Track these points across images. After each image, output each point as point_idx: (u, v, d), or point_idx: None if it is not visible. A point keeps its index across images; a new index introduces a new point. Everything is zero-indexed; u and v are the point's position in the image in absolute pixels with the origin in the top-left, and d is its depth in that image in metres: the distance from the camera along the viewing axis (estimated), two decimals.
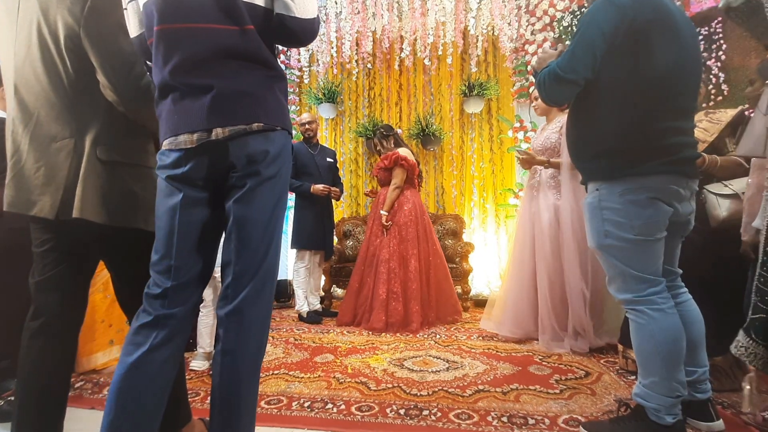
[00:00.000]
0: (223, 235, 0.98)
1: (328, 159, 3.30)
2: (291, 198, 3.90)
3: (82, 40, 0.99)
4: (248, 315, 0.92)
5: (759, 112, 1.30)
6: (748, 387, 1.06)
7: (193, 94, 0.91)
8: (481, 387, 1.73)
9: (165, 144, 0.95)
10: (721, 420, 1.31)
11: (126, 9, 1.01)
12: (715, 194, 1.53)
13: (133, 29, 1.01)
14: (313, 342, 2.47)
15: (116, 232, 1.06)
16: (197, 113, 0.90)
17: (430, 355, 2.18)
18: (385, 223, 2.94)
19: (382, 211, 2.97)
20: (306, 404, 1.57)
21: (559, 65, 1.26)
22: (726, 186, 1.51)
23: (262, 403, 1.58)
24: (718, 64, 2.74)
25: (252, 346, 0.93)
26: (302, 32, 0.97)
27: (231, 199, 0.93)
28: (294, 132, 4.31)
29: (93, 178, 1.02)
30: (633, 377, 1.80)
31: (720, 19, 2.86)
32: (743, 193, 1.45)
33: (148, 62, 1.04)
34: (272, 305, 1.00)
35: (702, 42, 2.83)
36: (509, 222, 3.95)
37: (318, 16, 0.98)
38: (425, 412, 1.49)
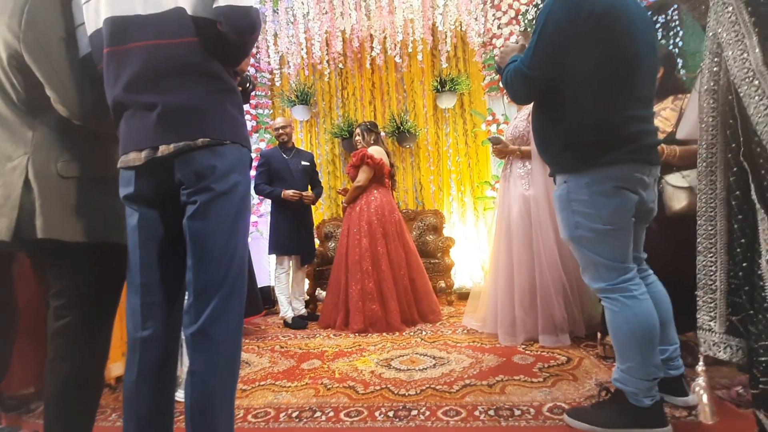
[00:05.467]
0: None
1: (303, 162, 3.26)
2: (268, 204, 3.85)
3: (23, 55, 0.96)
4: (214, 334, 0.91)
5: (697, 94, 1.32)
6: (704, 396, 1.05)
7: (142, 112, 0.91)
8: (467, 381, 1.76)
9: (119, 163, 0.97)
10: (695, 395, 1.37)
11: (77, 28, 1.01)
12: (672, 186, 1.59)
13: (83, 49, 1.01)
14: (300, 348, 2.46)
15: (89, 247, 1.03)
16: (145, 131, 0.91)
17: (416, 353, 2.19)
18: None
19: (342, 203, 3.05)
20: (294, 414, 1.56)
21: (524, 63, 1.27)
22: (683, 178, 1.56)
23: (249, 417, 1.56)
24: (676, 50, 2.84)
25: (222, 366, 0.91)
26: (236, 19, 0.90)
27: (186, 217, 0.93)
28: (268, 136, 4.33)
29: (54, 196, 0.99)
30: (610, 361, 1.86)
31: (676, 6, 2.96)
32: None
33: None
34: (242, 321, 0.99)
35: (660, 30, 2.93)
36: (488, 214, 4.02)
37: (255, 8, 0.94)
38: (414, 412, 1.51)
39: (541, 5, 3.64)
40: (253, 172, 3.29)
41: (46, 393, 1.04)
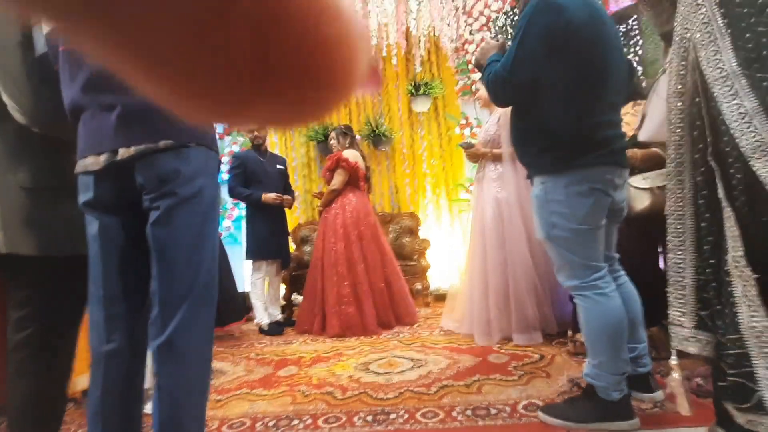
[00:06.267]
0: None
1: (278, 166, 3.23)
2: (243, 208, 3.76)
3: None
4: (181, 346, 0.87)
5: (659, 98, 1.34)
6: (681, 391, 1.07)
7: (100, 114, 0.87)
8: (445, 382, 1.77)
9: (76, 168, 0.92)
10: (661, 391, 1.43)
11: (34, 28, 0.96)
12: (635, 187, 1.66)
13: (39, 49, 0.97)
14: (276, 355, 2.41)
15: (52, 258, 0.99)
16: (104, 133, 0.87)
17: (394, 356, 2.20)
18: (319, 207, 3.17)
19: (318, 206, 3.04)
20: (270, 424, 1.52)
21: (504, 67, 1.29)
22: (645, 180, 1.64)
23: (224, 428, 1.51)
24: (636, 58, 2.99)
25: (191, 380, 0.88)
26: None
27: (149, 223, 0.89)
28: (242, 139, 4.23)
29: (14, 207, 0.96)
30: (581, 357, 1.93)
31: (636, 16, 3.12)
32: (658, 187, 1.58)
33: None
34: (212, 332, 0.95)
35: (621, 38, 3.07)
36: (462, 216, 4.08)
37: None
38: (392, 416, 1.50)
39: (511, 13, 3.76)
40: (226, 176, 3.22)
41: (8, 409, 0.99)
